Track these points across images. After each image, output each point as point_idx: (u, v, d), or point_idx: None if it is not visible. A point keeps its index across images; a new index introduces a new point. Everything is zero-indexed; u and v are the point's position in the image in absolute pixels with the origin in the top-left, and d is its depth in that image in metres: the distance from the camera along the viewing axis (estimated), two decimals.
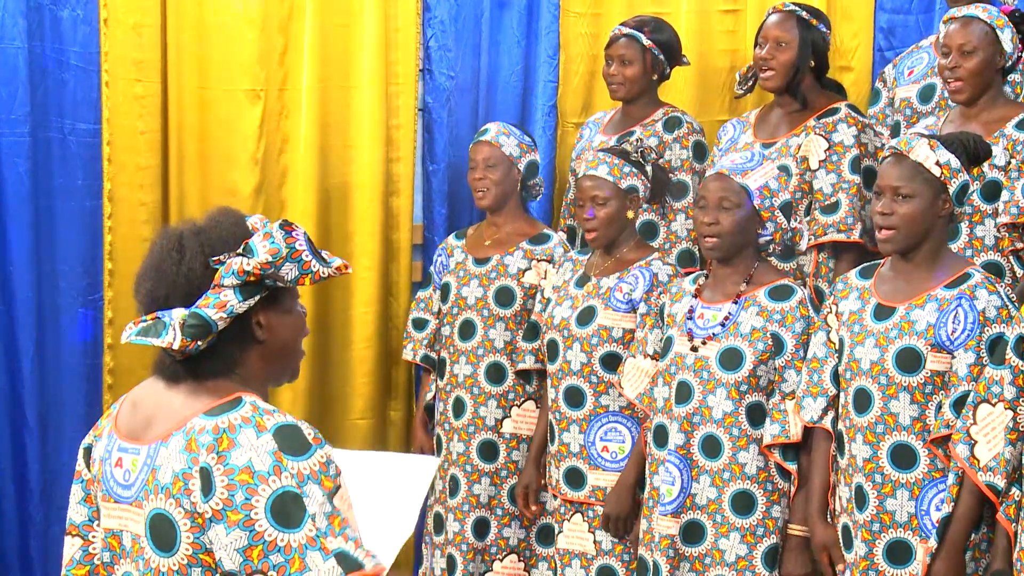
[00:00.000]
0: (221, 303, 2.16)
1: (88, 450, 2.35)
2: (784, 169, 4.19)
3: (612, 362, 4.08)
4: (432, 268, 4.74)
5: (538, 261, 4.47)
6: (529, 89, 5.07)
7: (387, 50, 5.00)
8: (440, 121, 5.08)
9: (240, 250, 2.18)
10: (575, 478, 4.13)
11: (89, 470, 2.34)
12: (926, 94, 4.32)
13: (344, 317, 5.03)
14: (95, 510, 2.33)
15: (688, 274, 4.06)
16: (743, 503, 3.74)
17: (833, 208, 4.13)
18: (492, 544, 4.48)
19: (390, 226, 5.05)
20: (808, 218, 4.18)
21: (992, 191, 3.89)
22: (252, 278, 2.17)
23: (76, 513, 2.36)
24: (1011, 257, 3.90)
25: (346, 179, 5.02)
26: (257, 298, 2.19)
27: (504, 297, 4.48)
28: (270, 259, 2.17)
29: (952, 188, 3.47)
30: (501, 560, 4.48)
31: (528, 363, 4.41)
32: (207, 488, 2.11)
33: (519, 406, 4.47)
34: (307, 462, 2.11)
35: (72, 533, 2.37)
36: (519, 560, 4.47)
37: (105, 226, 4.81)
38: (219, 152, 4.95)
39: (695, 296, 3.87)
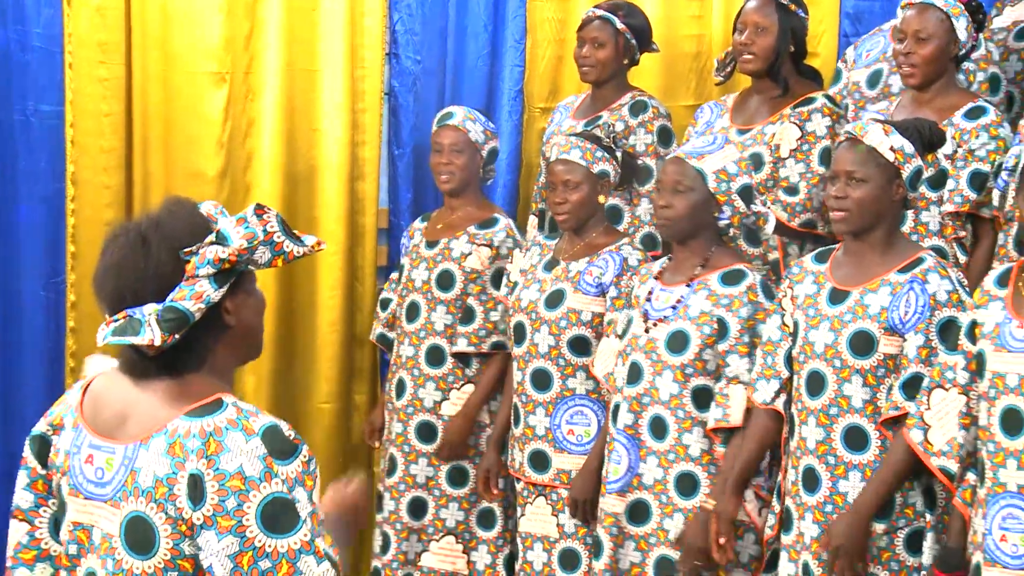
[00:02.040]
0: (197, 294, 2.13)
1: (41, 439, 2.31)
2: (757, 157, 4.19)
3: (580, 345, 4.08)
4: (401, 249, 4.75)
5: (479, 246, 4.46)
6: (496, 74, 5.06)
7: (353, 34, 4.99)
8: (406, 105, 5.07)
9: (213, 238, 2.16)
10: (540, 461, 4.13)
11: (40, 461, 2.30)
12: (873, 80, 4.33)
13: (309, 301, 5.02)
14: (42, 497, 2.31)
15: (656, 258, 4.06)
16: (687, 484, 3.76)
17: (793, 192, 4.13)
18: (429, 525, 4.48)
19: (356, 210, 5.04)
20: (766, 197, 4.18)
21: (938, 179, 3.89)
22: (227, 265, 2.15)
23: (22, 499, 2.33)
24: (954, 244, 3.90)
25: (312, 163, 5.01)
26: (228, 284, 2.17)
27: (445, 280, 4.49)
28: (246, 244, 2.15)
29: (905, 173, 3.47)
30: (438, 541, 4.48)
31: (461, 346, 4.41)
32: (198, 496, 2.08)
33: (458, 389, 4.47)
34: (293, 465, 2.09)
35: (18, 517, 2.34)
36: (457, 542, 4.47)
37: (68, 209, 4.79)
38: (184, 135, 4.93)
39: (656, 278, 3.87)
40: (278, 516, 2.07)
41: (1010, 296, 3.26)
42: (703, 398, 3.75)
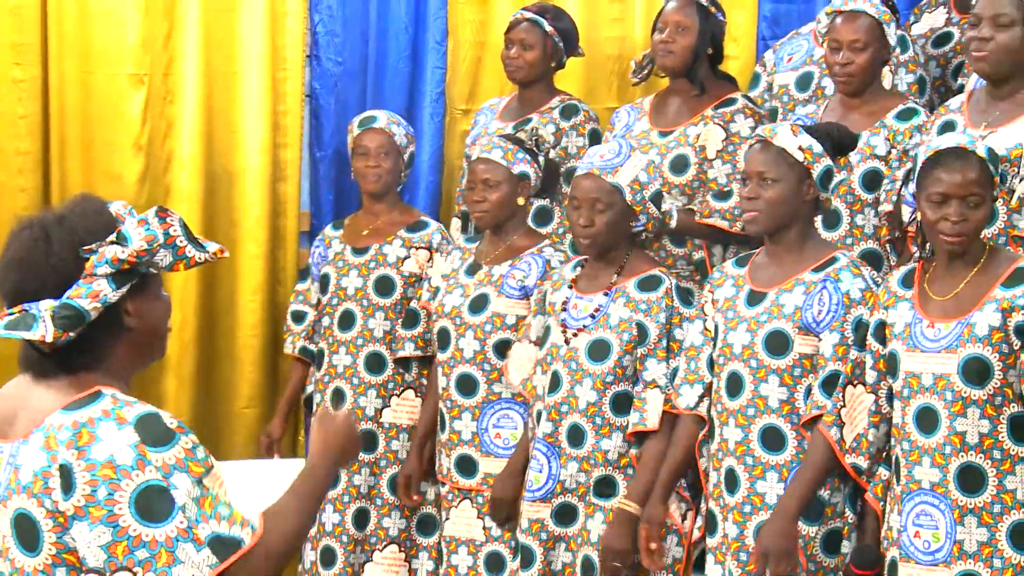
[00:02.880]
0: (94, 293, 2.12)
1: None
2: (681, 159, 4.21)
3: (505, 349, 4.08)
4: (311, 260, 4.70)
5: (416, 249, 4.46)
6: (417, 76, 5.06)
7: (274, 35, 4.97)
8: (327, 107, 5.05)
9: (113, 238, 2.14)
10: (467, 465, 4.13)
11: None
12: (803, 82, 4.36)
13: (230, 305, 4.99)
14: None
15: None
16: (605, 487, 3.77)
17: (725, 196, 4.15)
18: (372, 534, 4.46)
19: (277, 213, 5.02)
20: (699, 200, 4.20)
21: (873, 180, 3.93)
22: (126, 266, 2.13)
23: None
24: (887, 246, 3.94)
25: (232, 165, 4.98)
26: (128, 286, 2.15)
27: (383, 286, 4.47)
28: (145, 246, 2.13)
29: (816, 172, 3.51)
30: (381, 551, 4.46)
31: (408, 350, 4.39)
32: (68, 485, 2.06)
33: (398, 395, 4.45)
34: (171, 451, 2.08)
35: None
36: (400, 551, 4.45)
37: None
38: (102, 137, 4.88)
39: (571, 287, 3.88)
40: (152, 504, 2.05)
41: (917, 296, 3.30)
42: (622, 403, 3.76)
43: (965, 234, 3.20)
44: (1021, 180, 3.52)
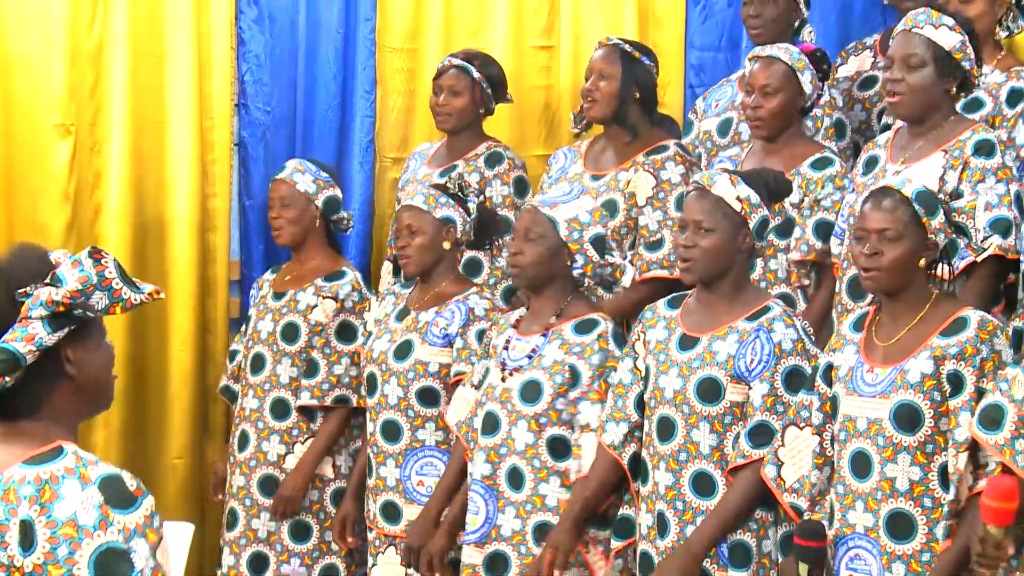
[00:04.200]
0: (29, 336, 2.09)
1: None
2: (611, 204, 4.25)
3: (428, 396, 4.08)
4: (250, 302, 4.71)
5: (324, 298, 4.44)
6: (347, 124, 5.07)
7: (201, 84, 4.96)
8: (256, 156, 5.05)
9: (48, 280, 2.12)
10: (391, 512, 4.12)
11: None
12: (724, 128, 4.44)
13: (160, 354, 4.96)
14: None
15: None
16: (544, 534, 3.75)
17: (657, 245, 4.19)
18: None
19: (207, 262, 5.00)
20: (633, 252, 4.24)
21: (786, 227, 4.00)
22: (61, 308, 2.11)
23: None
24: (799, 292, 4.01)
25: (161, 215, 4.95)
26: (66, 330, 2.13)
27: (290, 332, 4.45)
28: (79, 287, 2.11)
29: (752, 222, 3.55)
30: None
31: (304, 399, 4.39)
32: (28, 542, 2.04)
33: (302, 443, 4.44)
34: (133, 516, 2.06)
35: None
36: None
37: None
38: (27, 188, 4.85)
39: (513, 327, 3.89)
40: (111, 566, 2.03)
41: (863, 340, 3.34)
42: (559, 448, 3.77)
43: (877, 269, 3.23)
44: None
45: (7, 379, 2.09)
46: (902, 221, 3.23)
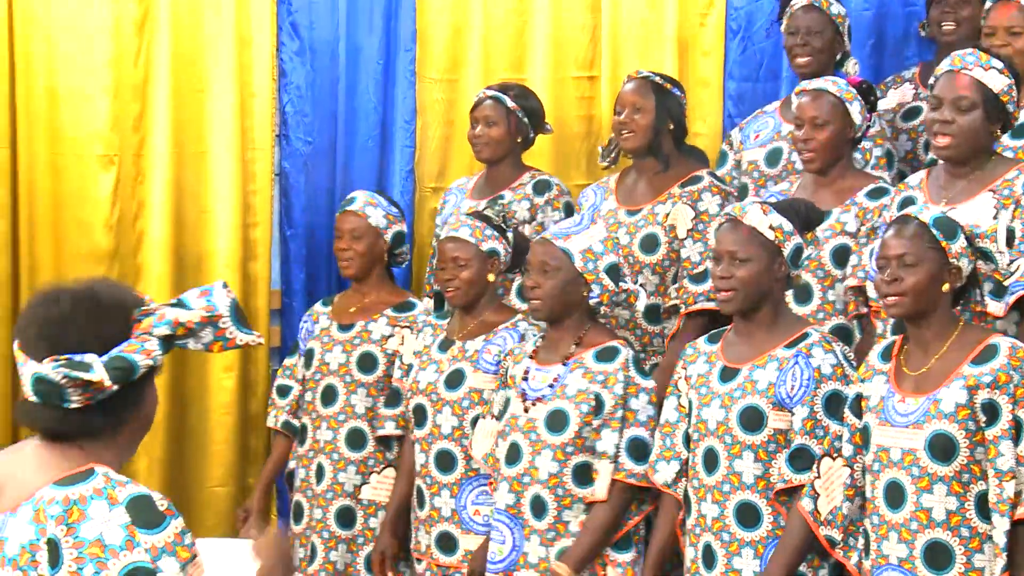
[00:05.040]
0: (147, 351, 2.12)
1: None
2: (652, 238, 4.26)
3: None
4: (299, 335, 4.68)
5: (401, 328, 4.47)
6: (386, 154, 5.10)
7: (243, 116, 5.01)
8: (297, 186, 5.09)
9: (174, 302, 2.16)
10: (447, 543, 4.11)
11: None
12: (772, 158, 4.42)
13: (202, 383, 4.99)
14: None
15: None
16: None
17: (702, 277, 4.19)
18: None
19: (248, 291, 5.03)
20: (676, 285, 4.24)
21: (843, 256, 3.98)
22: (182, 331, 2.15)
23: None
24: (854, 322, 3.99)
25: (203, 244, 5.00)
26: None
27: (367, 363, 4.47)
28: (207, 315, 2.15)
29: (786, 251, 3.55)
30: None
31: (388, 429, 4.39)
32: (54, 560, 2.07)
33: (378, 472, 4.45)
34: (161, 535, 2.08)
35: None
36: None
37: None
38: (72, 218, 4.90)
39: (531, 357, 3.90)
40: None
41: (893, 370, 3.34)
42: (583, 475, 3.78)
43: (898, 295, 3.24)
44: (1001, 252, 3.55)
45: (104, 392, 2.11)
46: (920, 246, 3.24)
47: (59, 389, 2.11)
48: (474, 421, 4.08)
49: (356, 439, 4.45)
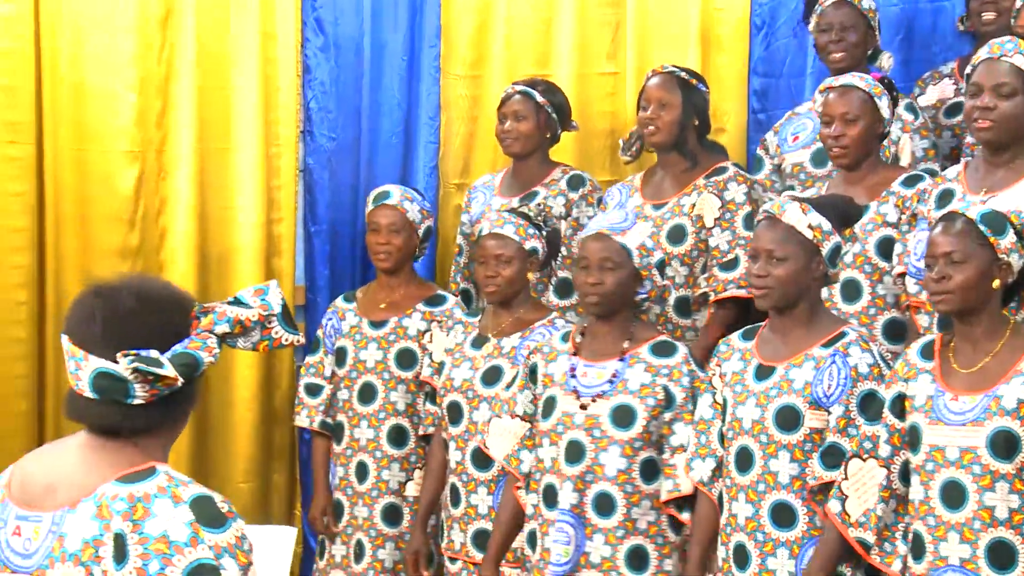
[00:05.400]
0: (209, 348, 2.15)
1: None
2: (679, 229, 4.26)
3: None
4: (322, 332, 4.64)
5: (438, 322, 4.46)
6: (410, 150, 5.10)
7: (267, 111, 5.01)
8: (321, 182, 5.09)
9: (231, 300, 2.18)
10: (484, 540, 4.09)
11: None
12: (819, 158, 4.39)
13: (225, 379, 4.99)
14: None
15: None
16: (637, 559, 3.75)
17: (732, 265, 4.20)
18: None
19: None
20: (706, 275, 4.25)
21: (887, 248, 3.97)
22: (240, 329, 2.17)
23: None
24: (907, 312, 3.97)
25: (227, 240, 5.00)
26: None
27: (405, 359, 4.47)
28: (263, 313, 2.17)
29: (824, 250, 3.55)
30: None
31: (432, 428, 4.39)
32: (120, 555, 2.08)
33: (422, 468, 4.45)
34: (224, 535, 2.10)
35: None
36: None
37: None
38: (97, 213, 4.90)
39: (574, 354, 3.90)
40: None
41: (938, 368, 3.31)
42: (649, 470, 3.77)
43: (946, 292, 3.23)
44: None
45: (171, 387, 2.13)
46: (967, 243, 3.23)
47: (125, 385, 2.13)
48: None
49: (398, 436, 4.45)
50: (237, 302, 2.18)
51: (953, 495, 3.22)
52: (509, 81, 4.80)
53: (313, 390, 4.61)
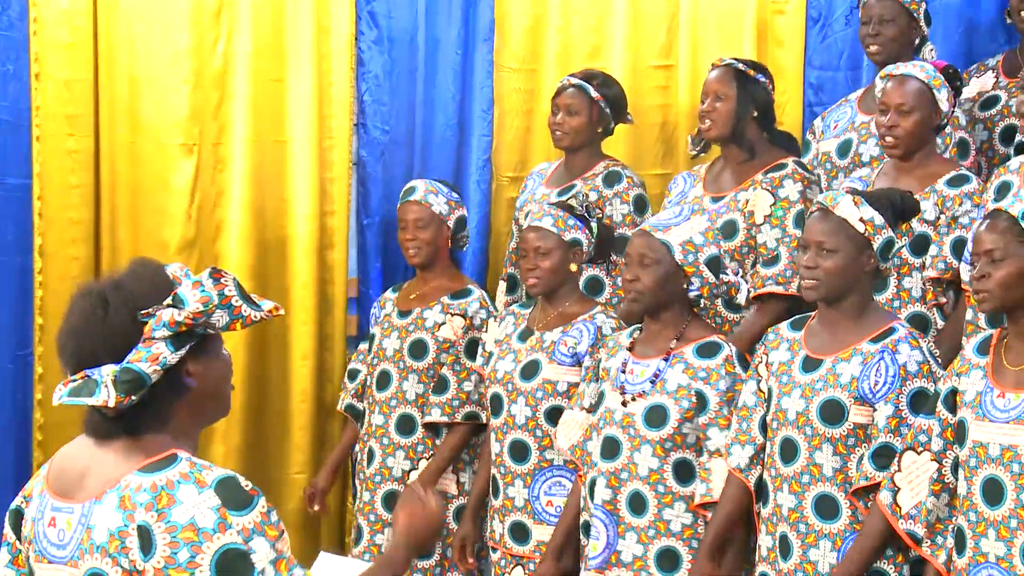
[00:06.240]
0: (153, 356, 2.15)
1: (17, 513, 2.33)
2: (731, 224, 4.23)
3: (557, 416, 4.06)
4: (371, 320, 4.74)
5: (452, 316, 4.47)
6: (464, 143, 5.10)
7: (321, 104, 5.03)
8: (375, 175, 5.11)
9: (170, 301, 2.17)
10: (520, 532, 4.12)
11: (18, 533, 2.31)
12: (843, 149, 4.38)
13: (280, 371, 5.03)
14: (24, 573, 2.31)
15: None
16: (668, 560, 3.73)
17: (773, 261, 4.16)
18: None
19: (325, 280, 5.06)
20: (751, 271, 4.22)
21: (921, 245, 3.93)
22: (183, 328, 2.17)
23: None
24: (935, 310, 3.94)
25: (281, 233, 5.03)
26: (187, 347, 2.19)
27: (417, 350, 4.50)
28: (201, 308, 2.17)
29: (876, 244, 3.51)
30: None
31: (434, 416, 4.41)
32: (147, 546, 2.09)
33: (427, 459, 4.47)
34: (251, 515, 2.11)
35: None
36: None
37: (36, 281, 4.78)
38: (152, 206, 4.95)
39: (629, 350, 3.87)
40: (233, 567, 2.08)
41: (991, 365, 3.27)
42: (684, 472, 3.75)
43: (986, 290, 3.19)
44: None
45: (133, 397, 2.14)
46: (1008, 241, 3.18)
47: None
48: (548, 412, 4.08)
49: (406, 425, 4.49)
50: (176, 301, 2.17)
51: (993, 492, 3.19)
52: (563, 75, 4.76)
53: (352, 375, 4.72)
